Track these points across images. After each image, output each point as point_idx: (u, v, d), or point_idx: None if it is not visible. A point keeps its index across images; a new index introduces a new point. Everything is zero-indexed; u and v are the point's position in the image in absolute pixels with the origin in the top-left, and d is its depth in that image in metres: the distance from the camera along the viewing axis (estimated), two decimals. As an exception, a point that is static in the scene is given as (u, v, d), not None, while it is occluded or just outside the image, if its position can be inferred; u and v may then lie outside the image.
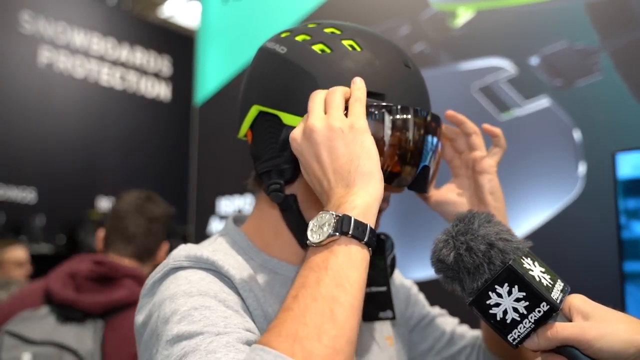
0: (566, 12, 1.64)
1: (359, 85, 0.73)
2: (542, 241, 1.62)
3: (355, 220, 0.64)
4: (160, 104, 6.42)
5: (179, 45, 6.60)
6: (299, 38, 0.81)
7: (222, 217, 2.46)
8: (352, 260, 0.64)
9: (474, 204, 0.91)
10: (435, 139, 0.82)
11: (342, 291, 0.61)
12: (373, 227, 0.66)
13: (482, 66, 1.77)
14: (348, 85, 0.74)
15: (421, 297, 1.10)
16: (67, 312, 1.58)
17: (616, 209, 1.30)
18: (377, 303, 0.91)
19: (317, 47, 0.79)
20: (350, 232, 0.64)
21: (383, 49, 0.81)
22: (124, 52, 6.06)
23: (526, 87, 1.69)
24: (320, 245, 0.65)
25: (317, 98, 0.72)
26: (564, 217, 1.58)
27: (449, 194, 0.93)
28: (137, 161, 6.07)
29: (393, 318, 0.91)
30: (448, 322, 1.07)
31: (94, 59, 5.78)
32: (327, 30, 0.81)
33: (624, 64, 1.54)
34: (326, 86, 0.75)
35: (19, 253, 3.04)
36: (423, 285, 1.68)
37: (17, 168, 5.16)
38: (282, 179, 0.81)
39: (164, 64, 6.47)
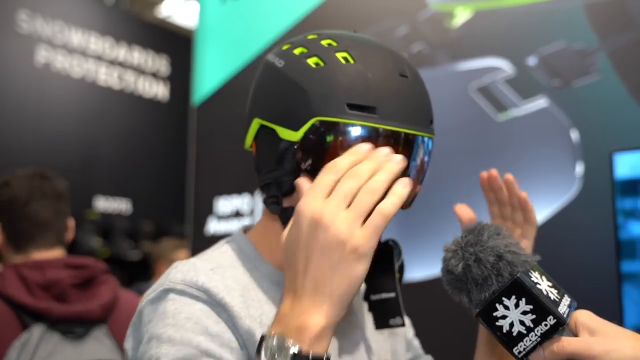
0: (564, 13, 1.64)
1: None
2: (539, 241, 1.62)
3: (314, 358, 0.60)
4: (158, 103, 6.41)
5: (176, 45, 6.58)
6: (297, 51, 0.83)
7: (220, 217, 2.46)
8: None
9: None
10: (414, 160, 0.82)
11: None
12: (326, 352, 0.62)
13: (479, 66, 1.78)
14: (339, 99, 0.76)
15: (408, 323, 1.10)
16: (71, 327, 1.44)
17: (614, 209, 1.30)
18: (386, 310, 0.90)
19: (311, 61, 0.80)
20: None
21: (377, 60, 0.81)
22: (122, 52, 6.04)
23: (524, 88, 1.69)
24: None
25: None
26: (561, 218, 1.59)
27: None
28: (134, 161, 6.06)
29: (402, 325, 0.90)
30: (427, 358, 1.08)
31: (92, 59, 5.76)
32: (323, 42, 0.82)
33: (621, 64, 1.54)
34: (318, 101, 0.77)
35: (188, 254, 3.01)
36: (423, 285, 1.68)
37: (14, 168, 5.15)
38: (280, 191, 0.82)
39: (161, 64, 6.45)
